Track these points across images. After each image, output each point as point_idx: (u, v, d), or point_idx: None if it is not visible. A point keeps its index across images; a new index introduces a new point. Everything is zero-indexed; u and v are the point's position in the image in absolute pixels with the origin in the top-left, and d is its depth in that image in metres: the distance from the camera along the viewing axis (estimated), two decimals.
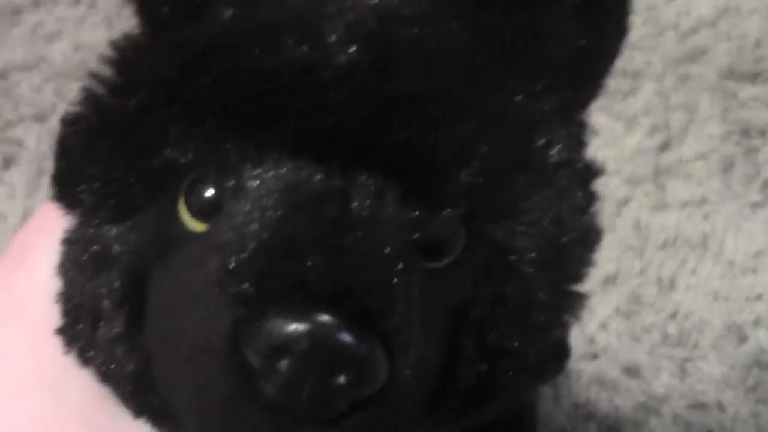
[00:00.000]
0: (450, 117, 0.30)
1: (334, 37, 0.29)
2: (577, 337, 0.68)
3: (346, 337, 0.26)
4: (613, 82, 0.80)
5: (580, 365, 0.67)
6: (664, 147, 0.78)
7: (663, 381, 0.66)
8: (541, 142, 0.32)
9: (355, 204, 0.29)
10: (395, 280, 0.28)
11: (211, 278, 0.28)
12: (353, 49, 0.29)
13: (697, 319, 0.69)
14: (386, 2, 0.31)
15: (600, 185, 0.32)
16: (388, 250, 0.28)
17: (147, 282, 0.32)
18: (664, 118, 0.79)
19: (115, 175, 0.32)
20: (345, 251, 0.27)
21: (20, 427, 0.34)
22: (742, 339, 0.68)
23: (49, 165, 0.51)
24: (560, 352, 0.34)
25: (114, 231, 0.32)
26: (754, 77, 0.82)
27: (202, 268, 0.29)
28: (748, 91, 0.81)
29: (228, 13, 0.31)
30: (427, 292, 0.30)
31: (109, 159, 0.32)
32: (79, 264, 0.33)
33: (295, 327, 0.26)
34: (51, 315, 0.35)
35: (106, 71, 0.32)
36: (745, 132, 0.79)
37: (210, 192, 0.30)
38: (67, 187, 0.33)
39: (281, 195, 0.29)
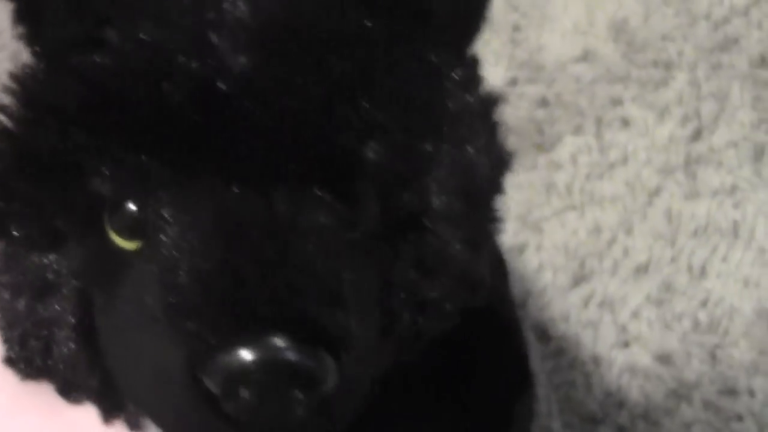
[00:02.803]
0: (347, 107, 0.30)
1: (223, 45, 0.29)
2: (609, 326, 0.68)
3: (296, 356, 0.28)
4: (645, 73, 0.80)
5: (612, 353, 0.67)
6: (696, 136, 0.78)
7: (694, 368, 0.67)
8: (436, 98, 0.32)
9: (278, 219, 0.30)
10: (332, 285, 0.29)
11: (156, 308, 0.29)
12: (244, 57, 0.29)
13: (727, 306, 0.69)
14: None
15: (632, 175, 0.32)
16: (319, 258, 0.29)
17: (92, 306, 0.32)
18: (695, 107, 0.79)
19: (38, 210, 0.32)
20: (281, 271, 0.29)
21: None
22: None
23: None
24: (475, 285, 0.35)
25: (49, 259, 0.33)
26: None
27: (145, 293, 0.30)
28: None
29: (113, 36, 0.30)
30: (359, 269, 0.31)
31: (28, 194, 0.32)
32: (17, 291, 0.33)
33: (248, 357, 0.27)
34: None
35: (11, 103, 0.32)
36: None
37: (131, 208, 0.31)
38: None
39: (203, 221, 0.29)
